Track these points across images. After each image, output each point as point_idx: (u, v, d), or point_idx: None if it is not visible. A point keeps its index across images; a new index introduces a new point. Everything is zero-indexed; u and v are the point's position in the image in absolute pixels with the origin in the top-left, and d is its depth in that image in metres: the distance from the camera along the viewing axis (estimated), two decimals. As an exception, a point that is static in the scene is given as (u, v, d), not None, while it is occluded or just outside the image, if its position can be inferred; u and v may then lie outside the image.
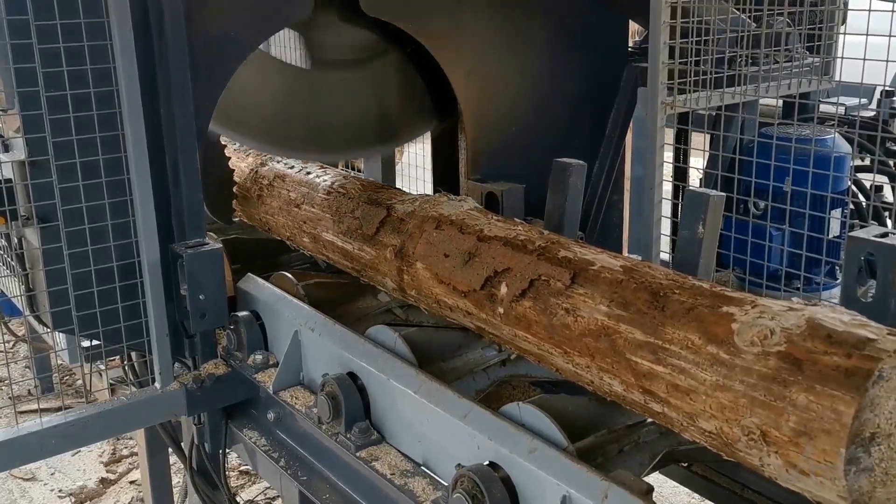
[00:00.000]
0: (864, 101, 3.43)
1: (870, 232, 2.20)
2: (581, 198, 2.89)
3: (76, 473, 4.91)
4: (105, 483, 4.82)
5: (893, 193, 3.66)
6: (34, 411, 2.40)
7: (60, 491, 4.75)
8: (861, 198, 3.44)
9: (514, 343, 2.09)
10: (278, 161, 3.18)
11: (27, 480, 4.84)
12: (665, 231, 2.99)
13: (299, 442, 2.49)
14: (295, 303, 2.57)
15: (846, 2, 3.29)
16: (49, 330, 2.57)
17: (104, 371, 2.82)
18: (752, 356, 1.49)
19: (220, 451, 2.75)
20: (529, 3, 3.27)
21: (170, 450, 3.23)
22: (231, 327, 2.62)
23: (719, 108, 3.18)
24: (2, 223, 2.37)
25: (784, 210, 2.89)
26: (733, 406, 1.50)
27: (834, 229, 3.06)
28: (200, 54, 2.47)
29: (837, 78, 3.03)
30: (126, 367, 3.02)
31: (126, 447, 5.10)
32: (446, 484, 1.91)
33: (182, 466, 3.16)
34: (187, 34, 2.40)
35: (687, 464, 2.36)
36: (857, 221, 3.17)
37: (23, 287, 2.53)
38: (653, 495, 1.69)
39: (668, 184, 3.12)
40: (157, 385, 2.52)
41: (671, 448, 1.97)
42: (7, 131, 2.47)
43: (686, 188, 2.95)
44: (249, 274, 2.81)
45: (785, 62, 3.20)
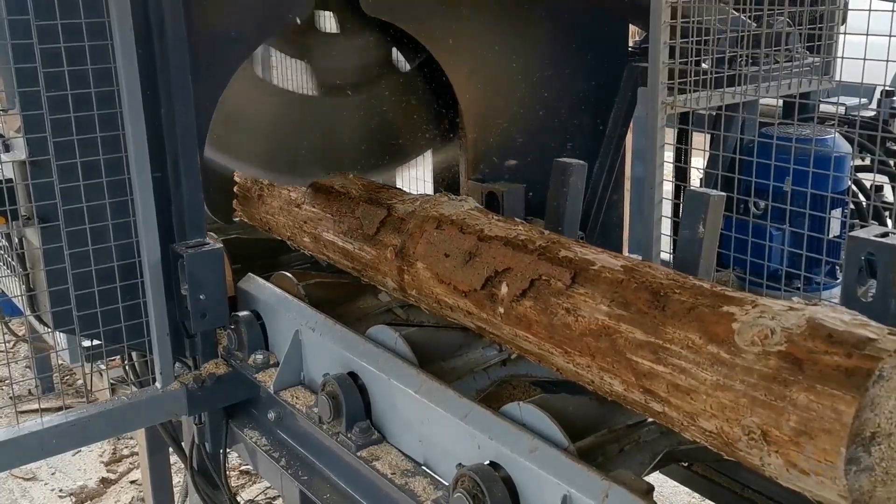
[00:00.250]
0: (865, 101, 3.43)
1: (870, 232, 2.20)
2: (581, 197, 2.89)
3: (77, 473, 4.90)
4: (105, 483, 4.82)
5: (894, 193, 3.66)
6: (35, 411, 2.40)
7: (61, 491, 4.75)
8: (861, 197, 3.44)
9: (515, 343, 2.09)
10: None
11: (28, 480, 4.84)
12: (665, 231, 2.99)
13: (300, 442, 2.49)
14: (295, 302, 2.57)
15: (846, 2, 3.29)
16: (50, 330, 2.57)
17: (105, 371, 2.82)
18: (753, 356, 1.49)
19: (221, 451, 2.75)
20: (530, 4, 3.27)
21: (170, 449, 3.23)
22: (232, 327, 2.62)
23: (719, 108, 3.18)
24: (2, 223, 2.37)
25: (784, 210, 2.89)
26: (734, 406, 1.50)
27: (834, 229, 3.07)
28: (201, 54, 2.47)
29: (838, 78, 3.03)
30: (127, 367, 3.02)
31: (126, 447, 5.10)
32: (447, 483, 1.91)
33: (182, 466, 3.16)
34: (188, 34, 2.40)
35: (687, 463, 2.36)
36: (858, 221, 3.17)
37: (23, 287, 2.54)
38: (653, 495, 1.69)
39: (669, 183, 3.12)
40: (158, 385, 2.53)
41: (672, 448, 1.97)
42: (8, 131, 2.47)
43: (686, 188, 2.95)
44: (250, 274, 2.81)
45: (785, 62, 3.20)
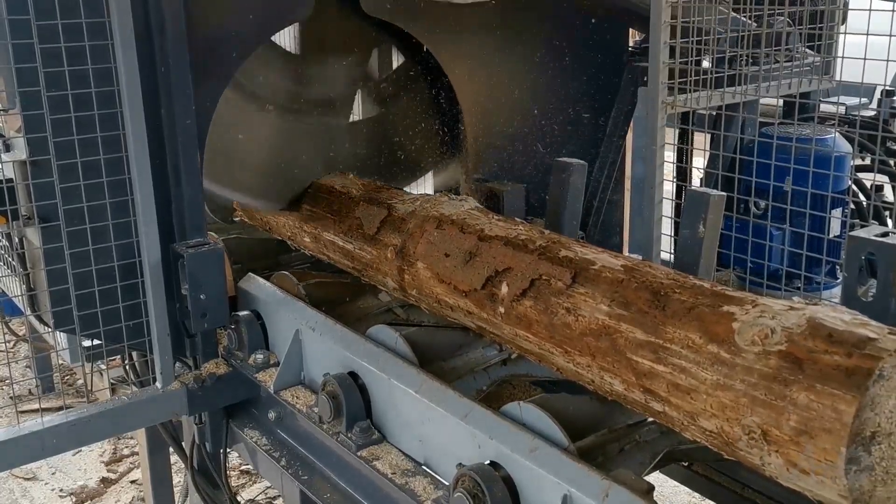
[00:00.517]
0: (865, 101, 3.43)
1: (870, 231, 2.20)
2: (582, 197, 2.89)
3: (77, 473, 4.90)
4: (106, 482, 4.82)
5: (894, 193, 3.66)
6: (35, 411, 2.40)
7: (61, 490, 4.75)
8: (861, 197, 3.44)
9: (515, 342, 2.09)
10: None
11: (28, 480, 4.84)
12: (666, 231, 2.99)
13: (300, 441, 2.49)
14: (296, 302, 2.57)
15: (846, 1, 3.29)
16: (50, 329, 2.57)
17: (105, 370, 2.82)
18: (753, 355, 1.49)
19: (221, 451, 2.75)
20: (530, 4, 3.27)
21: (171, 449, 3.23)
22: (232, 327, 2.62)
23: (720, 108, 3.18)
24: (3, 223, 2.37)
25: (785, 209, 2.89)
26: (734, 405, 1.50)
27: (834, 229, 3.06)
28: (201, 54, 2.47)
29: (838, 77, 3.03)
30: (127, 367, 3.02)
31: (127, 446, 5.10)
32: (447, 483, 1.91)
33: (183, 466, 3.16)
34: (188, 33, 2.40)
35: (688, 463, 2.36)
36: (858, 221, 3.17)
37: (24, 286, 2.54)
38: (653, 494, 1.69)
39: (669, 183, 3.12)
40: (158, 384, 2.53)
41: (672, 447, 1.97)
42: (8, 131, 2.47)
43: (687, 188, 2.95)
44: (250, 273, 2.81)
45: (785, 62, 3.20)
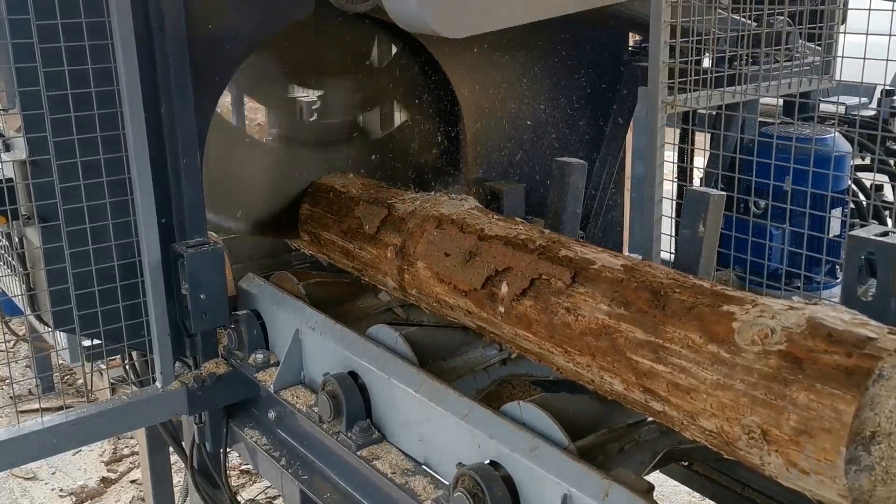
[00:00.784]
0: (865, 101, 3.44)
1: (870, 231, 2.21)
2: (581, 197, 2.89)
3: (77, 472, 4.90)
4: (106, 482, 4.82)
5: (894, 192, 3.66)
6: (35, 410, 2.39)
7: (61, 490, 4.74)
8: (861, 197, 3.44)
9: (515, 342, 2.09)
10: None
11: (28, 480, 4.84)
12: (666, 230, 2.99)
13: (300, 441, 2.49)
14: (296, 302, 2.57)
15: (846, 1, 3.29)
16: (50, 329, 2.57)
17: (105, 370, 2.82)
18: (753, 355, 1.49)
19: (221, 451, 2.75)
20: None
21: (171, 449, 3.23)
22: (232, 326, 2.62)
23: (720, 108, 3.18)
24: (3, 222, 2.37)
25: (784, 209, 2.89)
26: (734, 405, 1.50)
27: (834, 228, 3.07)
28: (201, 53, 2.47)
29: (838, 77, 3.03)
30: (127, 367, 3.02)
31: (127, 446, 5.10)
32: (447, 483, 1.92)
33: (183, 465, 3.16)
34: (188, 33, 2.40)
35: (687, 462, 2.36)
36: (858, 220, 3.18)
37: (24, 286, 2.54)
38: (653, 494, 1.70)
39: (669, 183, 3.12)
40: (158, 384, 2.53)
41: (672, 447, 1.97)
42: (8, 131, 2.47)
43: (687, 187, 2.95)
44: (250, 273, 2.81)
45: (785, 61, 3.20)
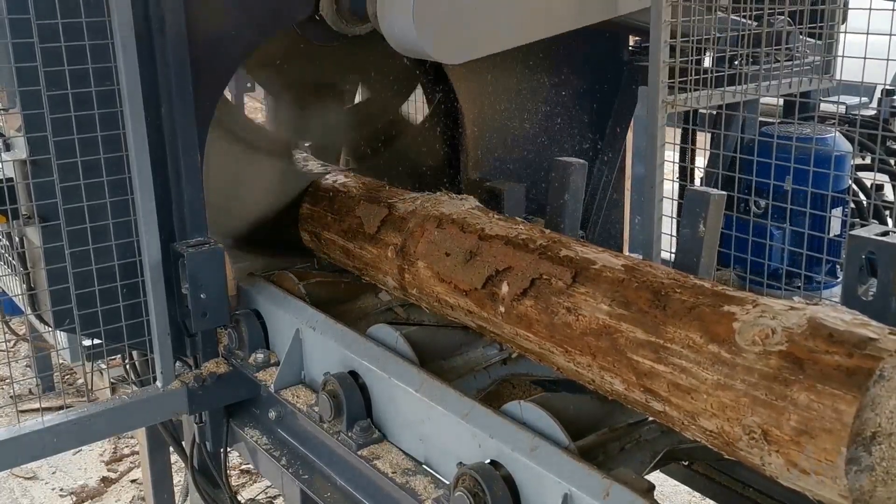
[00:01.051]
0: (865, 100, 3.44)
1: (871, 231, 2.21)
2: (582, 196, 2.89)
3: (77, 472, 4.90)
4: (106, 482, 4.82)
5: (894, 192, 3.66)
6: (35, 410, 2.40)
7: (62, 490, 4.75)
8: (862, 196, 3.44)
9: (516, 342, 2.09)
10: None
11: (28, 479, 4.84)
12: (666, 230, 2.99)
13: (301, 440, 2.49)
14: (296, 302, 2.57)
15: (846, 1, 3.29)
16: (50, 329, 2.57)
17: (105, 370, 2.82)
18: (754, 355, 1.49)
19: (222, 450, 2.75)
20: None
21: (171, 448, 3.23)
22: (232, 326, 2.62)
23: (720, 107, 3.18)
24: (3, 222, 2.37)
25: (785, 209, 2.89)
26: (734, 405, 1.50)
27: (835, 228, 3.07)
28: (201, 53, 2.47)
29: (838, 77, 3.03)
30: (127, 366, 3.02)
31: (127, 446, 5.10)
32: (448, 482, 1.92)
33: (183, 465, 3.16)
34: (188, 33, 2.40)
35: (688, 462, 2.36)
36: (858, 220, 3.18)
37: (24, 286, 2.54)
38: (654, 493, 1.70)
39: (669, 182, 3.12)
40: (159, 384, 2.53)
41: (672, 446, 1.97)
42: (8, 130, 2.47)
43: (687, 187, 2.95)
44: (251, 273, 2.81)
45: (786, 61, 3.20)
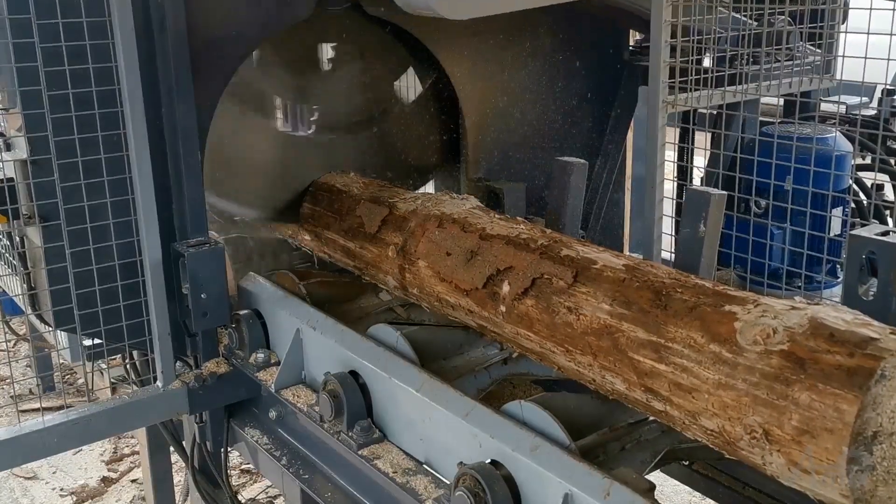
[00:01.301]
0: (865, 100, 3.43)
1: (871, 230, 2.21)
2: (583, 196, 2.89)
3: (77, 472, 4.90)
4: (106, 482, 4.82)
5: (894, 192, 3.66)
6: (36, 410, 2.40)
7: (62, 489, 4.74)
8: (862, 196, 3.44)
9: (516, 341, 2.09)
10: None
11: (29, 479, 4.84)
12: (667, 230, 2.99)
13: (301, 440, 2.49)
14: (296, 301, 2.57)
15: (847, 0, 3.29)
16: (51, 329, 2.57)
17: (106, 370, 2.82)
18: (755, 355, 1.49)
19: (222, 450, 2.75)
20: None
21: (171, 448, 3.23)
22: (233, 326, 2.62)
23: (720, 107, 3.18)
24: (3, 222, 2.37)
25: (785, 208, 2.89)
26: (736, 404, 1.50)
27: (835, 228, 3.07)
28: (202, 53, 2.47)
29: (838, 76, 3.03)
30: (128, 366, 3.02)
31: (127, 446, 5.10)
32: (448, 482, 1.92)
33: (184, 465, 3.16)
34: (188, 33, 2.40)
35: (688, 462, 2.36)
36: (859, 220, 3.18)
37: (25, 286, 2.54)
38: (654, 493, 1.70)
39: (670, 182, 3.12)
40: (159, 384, 2.53)
41: (673, 446, 1.97)
42: (9, 130, 2.47)
43: (688, 187, 2.95)
44: (251, 272, 2.81)
45: (786, 61, 3.20)
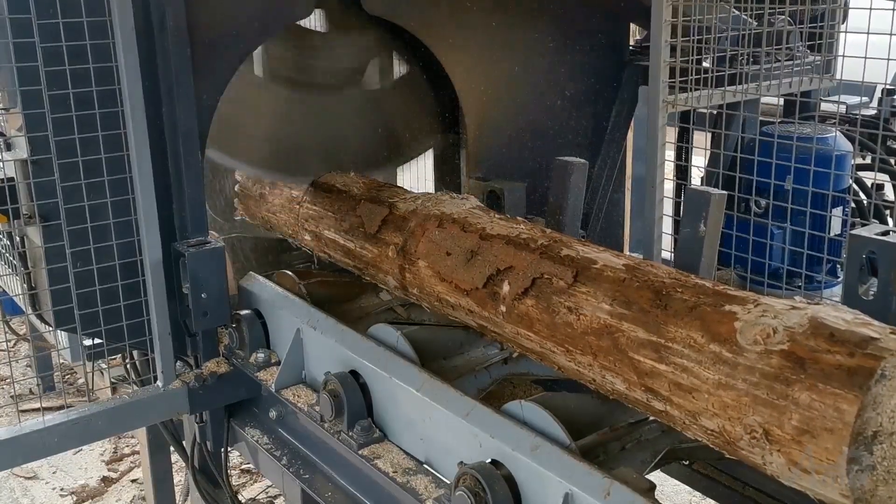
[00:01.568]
0: (866, 100, 3.44)
1: (871, 230, 2.21)
2: (583, 196, 2.89)
3: (78, 472, 4.90)
4: (106, 481, 4.82)
5: (894, 192, 3.66)
6: (36, 410, 2.40)
7: (62, 489, 4.74)
8: (862, 196, 3.44)
9: (517, 341, 2.09)
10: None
11: (29, 479, 4.84)
12: (667, 230, 2.99)
13: (301, 440, 2.49)
14: (297, 301, 2.57)
15: (847, 0, 3.29)
16: (51, 328, 2.57)
17: (106, 369, 2.83)
18: (755, 355, 1.49)
19: (222, 450, 2.75)
20: (530, 2, 3.27)
21: (172, 448, 3.23)
22: (233, 325, 2.62)
23: (720, 107, 3.18)
24: (4, 221, 2.37)
25: (785, 208, 2.90)
26: (736, 404, 1.50)
27: (835, 227, 3.07)
28: (202, 53, 2.47)
29: (838, 76, 3.03)
30: (128, 366, 3.02)
31: (127, 445, 5.10)
32: (449, 482, 1.92)
33: (184, 465, 3.16)
34: (189, 32, 2.40)
35: (689, 462, 2.37)
36: (859, 220, 3.18)
37: (25, 285, 2.54)
38: (654, 493, 1.70)
39: (670, 182, 3.12)
40: (160, 383, 2.53)
41: (673, 446, 1.97)
42: (9, 130, 2.47)
43: (687, 186, 2.95)
44: (251, 272, 2.81)
45: (786, 61, 3.20)
